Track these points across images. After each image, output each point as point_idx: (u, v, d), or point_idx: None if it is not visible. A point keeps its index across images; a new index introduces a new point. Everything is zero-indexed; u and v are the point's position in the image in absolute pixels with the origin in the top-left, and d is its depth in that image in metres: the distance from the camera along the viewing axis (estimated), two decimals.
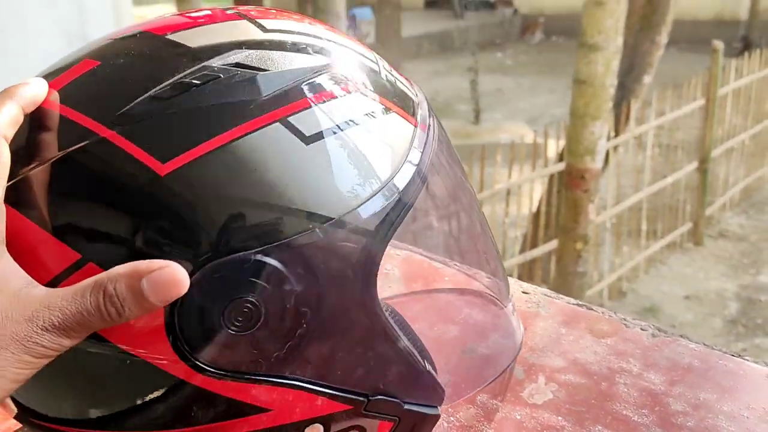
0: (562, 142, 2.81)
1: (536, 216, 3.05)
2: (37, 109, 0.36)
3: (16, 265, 0.33)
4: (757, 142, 4.17)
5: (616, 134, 3.02)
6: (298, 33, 0.39)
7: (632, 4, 2.88)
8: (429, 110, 0.42)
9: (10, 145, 0.34)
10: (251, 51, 0.36)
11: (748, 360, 0.51)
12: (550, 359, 0.53)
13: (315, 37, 0.39)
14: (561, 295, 0.61)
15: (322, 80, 0.37)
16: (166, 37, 0.37)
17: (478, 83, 5.92)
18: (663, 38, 3.14)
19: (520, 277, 3.02)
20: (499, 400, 0.49)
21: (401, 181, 0.37)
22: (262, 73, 0.36)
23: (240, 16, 0.39)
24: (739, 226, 3.90)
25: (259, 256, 0.33)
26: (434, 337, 0.50)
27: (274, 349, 0.35)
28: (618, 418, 0.47)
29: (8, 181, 0.34)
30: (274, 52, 0.37)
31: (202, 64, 0.35)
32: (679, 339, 0.54)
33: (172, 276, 0.33)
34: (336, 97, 0.37)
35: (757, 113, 4.04)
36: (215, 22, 0.39)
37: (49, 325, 0.32)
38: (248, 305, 0.34)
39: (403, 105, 0.40)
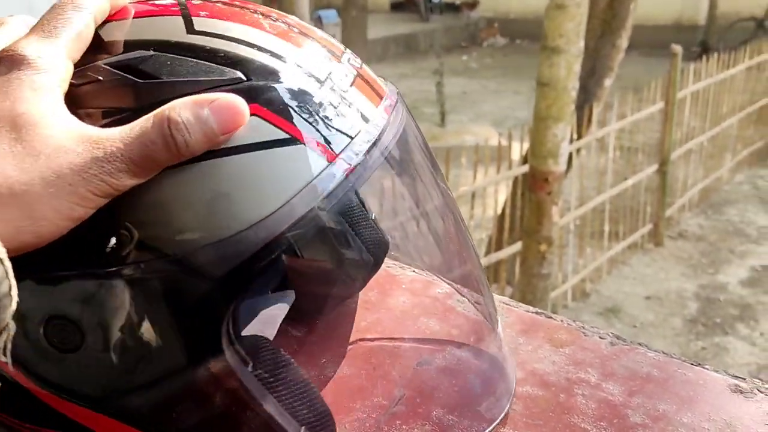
0: (527, 145, 2.82)
1: (501, 218, 3.06)
2: None
3: (71, 115, 0.31)
4: (714, 144, 4.26)
5: (579, 137, 3.04)
6: (231, 38, 0.35)
7: (593, 8, 2.91)
8: (401, 134, 0.38)
9: None
10: (157, 54, 0.34)
11: (708, 369, 0.50)
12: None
13: (250, 44, 0.35)
14: (520, 303, 0.60)
15: None
16: (101, 27, 0.36)
17: (444, 86, 5.93)
18: (623, 42, 3.18)
19: None
20: (456, 416, 0.47)
21: (268, 229, 0.31)
22: (143, 81, 0.33)
23: (179, 10, 0.36)
24: (698, 226, 3.98)
25: (82, 279, 0.31)
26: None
27: (99, 377, 0.33)
28: (576, 431, 0.46)
29: None
30: (182, 58, 0.34)
31: (94, 62, 0.34)
32: (638, 347, 0.53)
33: (233, 103, 0.32)
34: None
35: (714, 116, 4.12)
36: (153, 15, 0.37)
37: (110, 156, 0.30)
38: (69, 325, 0.32)
39: (328, 135, 0.34)
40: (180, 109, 0.31)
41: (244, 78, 0.33)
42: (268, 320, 0.41)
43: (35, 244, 0.29)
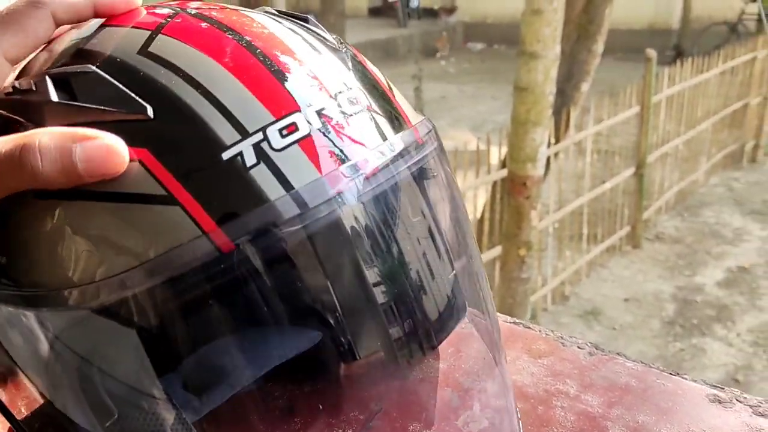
0: (505, 149, 2.83)
1: (480, 222, 3.06)
2: None
3: None
4: (690, 148, 4.31)
5: (557, 141, 3.06)
6: (175, 68, 0.32)
7: (569, 13, 2.93)
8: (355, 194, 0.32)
9: None
10: (96, 71, 0.32)
11: (686, 378, 0.50)
12: (486, 383, 0.51)
13: (190, 80, 0.32)
14: (499, 314, 0.59)
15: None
16: (78, 28, 0.36)
17: (423, 91, 5.95)
18: (600, 47, 3.20)
19: None
20: (433, 431, 0.46)
21: (109, 289, 0.29)
22: (56, 101, 0.31)
23: (154, 25, 0.35)
24: (674, 228, 4.02)
25: None
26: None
27: None
28: None
29: None
30: (111, 81, 0.32)
31: (42, 67, 0.33)
32: (616, 357, 0.53)
33: (112, 148, 0.29)
34: None
35: (689, 119, 4.17)
36: (129, 26, 0.35)
37: None
38: None
39: (212, 203, 0.30)
40: (45, 135, 0.29)
41: (152, 117, 0.31)
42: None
43: None
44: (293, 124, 0.31)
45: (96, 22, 0.36)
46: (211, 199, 0.30)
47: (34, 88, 0.32)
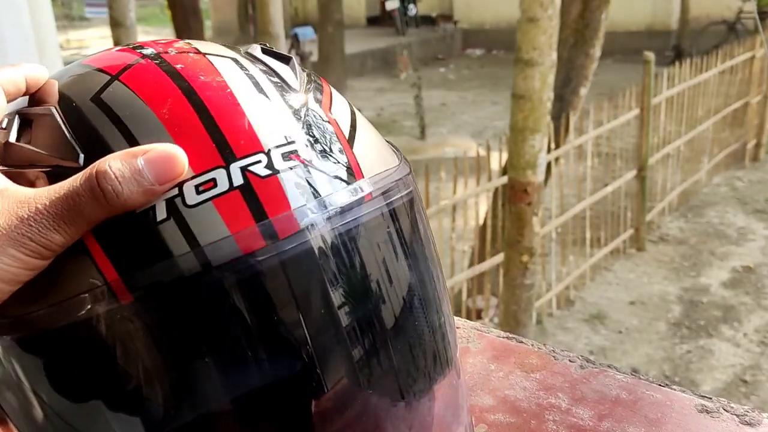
0: (506, 155, 2.84)
1: (482, 230, 3.07)
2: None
3: None
4: (691, 148, 4.31)
5: (557, 146, 3.07)
6: (115, 120, 0.33)
7: (565, 18, 2.94)
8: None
9: None
10: (52, 114, 0.34)
11: (675, 389, 0.50)
12: (479, 398, 0.52)
13: (126, 134, 0.33)
14: (491, 329, 0.60)
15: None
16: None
17: (423, 98, 5.97)
18: (596, 51, 3.22)
19: (469, 291, 3.04)
20: None
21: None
22: (13, 142, 0.34)
23: (114, 69, 0.36)
24: (678, 229, 4.01)
25: None
26: None
27: None
28: None
29: None
30: (59, 125, 0.34)
31: (17, 107, 0.36)
32: (607, 369, 0.54)
33: (169, 152, 0.31)
34: None
35: (690, 120, 4.18)
36: (97, 68, 0.37)
37: (36, 214, 0.29)
38: None
39: (111, 252, 0.31)
40: (110, 160, 0.30)
41: (81, 165, 0.32)
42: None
43: None
44: (212, 180, 0.32)
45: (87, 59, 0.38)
46: (118, 250, 0.31)
47: (3, 126, 0.34)
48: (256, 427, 0.34)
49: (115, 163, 0.30)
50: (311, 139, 0.35)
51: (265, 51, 0.39)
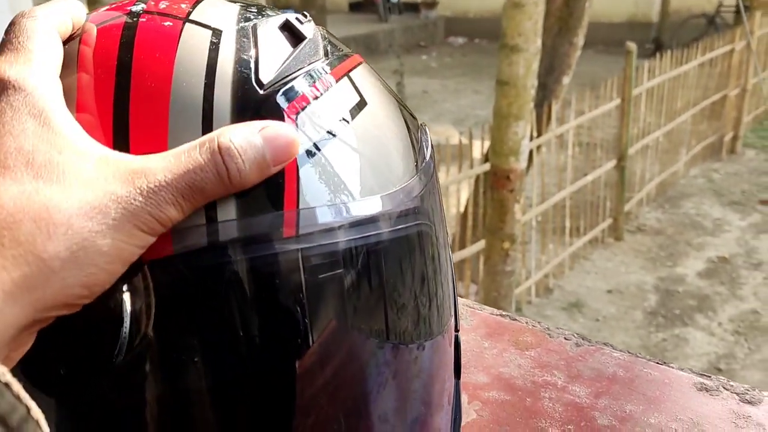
0: (487, 143, 2.83)
1: (464, 216, 3.07)
2: None
3: (90, 138, 0.28)
4: (670, 140, 4.34)
5: (539, 134, 3.07)
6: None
7: (549, 6, 2.93)
8: None
9: None
10: None
11: (673, 367, 0.50)
12: (473, 375, 0.51)
13: None
14: (484, 306, 0.59)
15: None
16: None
17: (405, 86, 5.94)
18: (580, 40, 3.22)
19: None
20: None
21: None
22: None
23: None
24: (655, 220, 4.05)
25: None
26: None
27: None
28: None
29: None
30: None
31: None
32: (603, 347, 0.53)
33: (286, 133, 0.29)
34: None
35: (669, 111, 4.20)
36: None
37: (156, 187, 0.26)
38: None
39: None
40: (231, 134, 0.28)
41: None
42: None
43: (85, 298, 0.25)
44: None
45: None
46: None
47: None
48: None
49: (236, 139, 0.28)
50: None
51: (285, 26, 0.35)
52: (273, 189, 0.29)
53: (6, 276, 0.23)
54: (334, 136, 0.32)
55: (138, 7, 0.34)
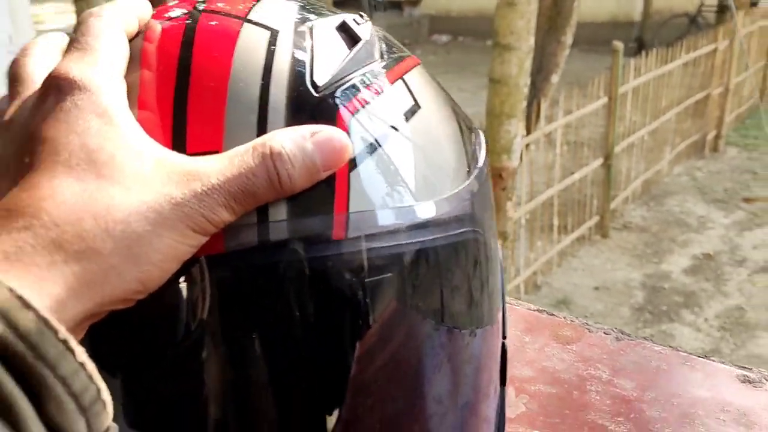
0: None
1: None
2: None
3: (149, 138, 0.28)
4: (655, 138, 4.39)
5: (528, 132, 3.09)
6: None
7: (538, 5, 2.96)
8: None
9: None
10: None
11: (714, 361, 0.51)
12: (518, 369, 0.51)
13: None
14: (521, 302, 0.60)
15: None
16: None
17: None
18: (569, 39, 3.25)
19: None
20: None
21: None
22: None
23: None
24: (641, 217, 4.10)
25: None
26: None
27: None
28: (595, 428, 0.46)
29: None
30: None
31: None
32: (643, 342, 0.54)
33: (339, 139, 0.29)
34: None
35: (654, 110, 4.25)
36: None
37: (210, 189, 0.27)
38: None
39: None
40: (283, 140, 0.28)
41: None
42: None
43: (140, 293, 0.26)
44: None
45: None
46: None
47: None
48: None
49: (288, 144, 0.28)
50: None
51: (342, 27, 0.35)
52: (324, 191, 0.30)
53: (69, 271, 0.24)
54: (386, 140, 0.32)
55: (200, 6, 0.35)
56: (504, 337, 0.40)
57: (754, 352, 2.83)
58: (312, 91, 0.31)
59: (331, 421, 0.31)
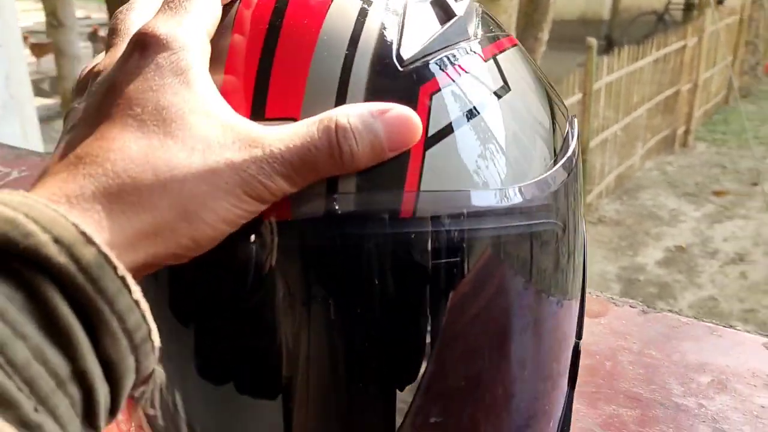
0: None
1: None
2: None
3: (224, 101, 0.28)
4: (627, 133, 4.47)
5: None
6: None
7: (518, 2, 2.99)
8: None
9: None
10: None
11: (739, 329, 0.52)
12: None
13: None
14: None
15: None
16: None
17: None
18: (545, 35, 3.29)
19: None
20: None
21: None
22: None
23: None
24: (615, 211, 4.17)
25: None
26: None
27: None
28: (630, 396, 0.47)
29: None
30: None
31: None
32: (668, 313, 0.55)
33: (409, 120, 0.29)
34: None
35: (626, 106, 4.33)
36: None
37: (270, 157, 0.27)
38: None
39: None
40: (349, 114, 0.28)
41: None
42: None
43: (193, 251, 0.27)
44: None
45: None
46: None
47: None
48: None
49: (354, 120, 0.28)
50: None
51: (437, 2, 0.34)
52: (396, 167, 0.29)
53: (125, 220, 0.25)
54: (468, 120, 0.31)
55: None
56: (579, 337, 0.39)
57: None
58: (397, 65, 0.31)
59: (417, 374, 0.31)
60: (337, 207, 0.29)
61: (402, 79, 0.30)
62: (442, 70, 0.31)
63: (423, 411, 0.32)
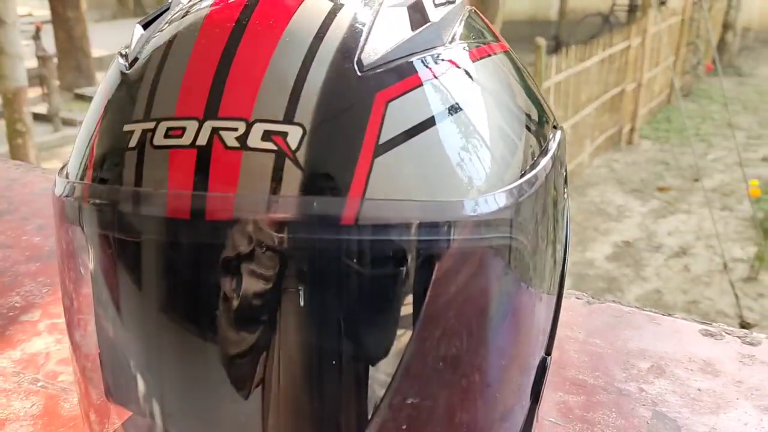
0: None
1: None
2: None
3: None
4: (576, 131, 4.57)
5: None
6: (166, 37, 0.35)
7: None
8: None
9: None
10: None
11: (677, 317, 0.55)
12: None
13: (166, 47, 0.33)
14: None
15: None
16: None
17: None
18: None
19: None
20: None
21: None
22: None
23: None
24: None
25: None
26: None
27: None
28: (575, 383, 0.49)
29: None
30: None
31: None
32: (611, 304, 0.57)
33: None
34: None
35: (574, 105, 4.42)
36: None
37: None
38: None
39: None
40: None
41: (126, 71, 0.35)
42: None
43: None
44: (182, 129, 0.29)
45: None
46: (100, 159, 0.33)
47: None
48: None
49: None
50: (315, 123, 0.29)
51: (416, 6, 0.33)
52: (341, 172, 0.28)
53: None
54: (424, 130, 0.30)
55: None
56: (548, 353, 0.38)
57: None
58: (356, 69, 0.30)
59: (397, 355, 0.31)
60: (278, 209, 0.28)
61: (359, 84, 0.29)
62: (402, 78, 0.30)
63: None
